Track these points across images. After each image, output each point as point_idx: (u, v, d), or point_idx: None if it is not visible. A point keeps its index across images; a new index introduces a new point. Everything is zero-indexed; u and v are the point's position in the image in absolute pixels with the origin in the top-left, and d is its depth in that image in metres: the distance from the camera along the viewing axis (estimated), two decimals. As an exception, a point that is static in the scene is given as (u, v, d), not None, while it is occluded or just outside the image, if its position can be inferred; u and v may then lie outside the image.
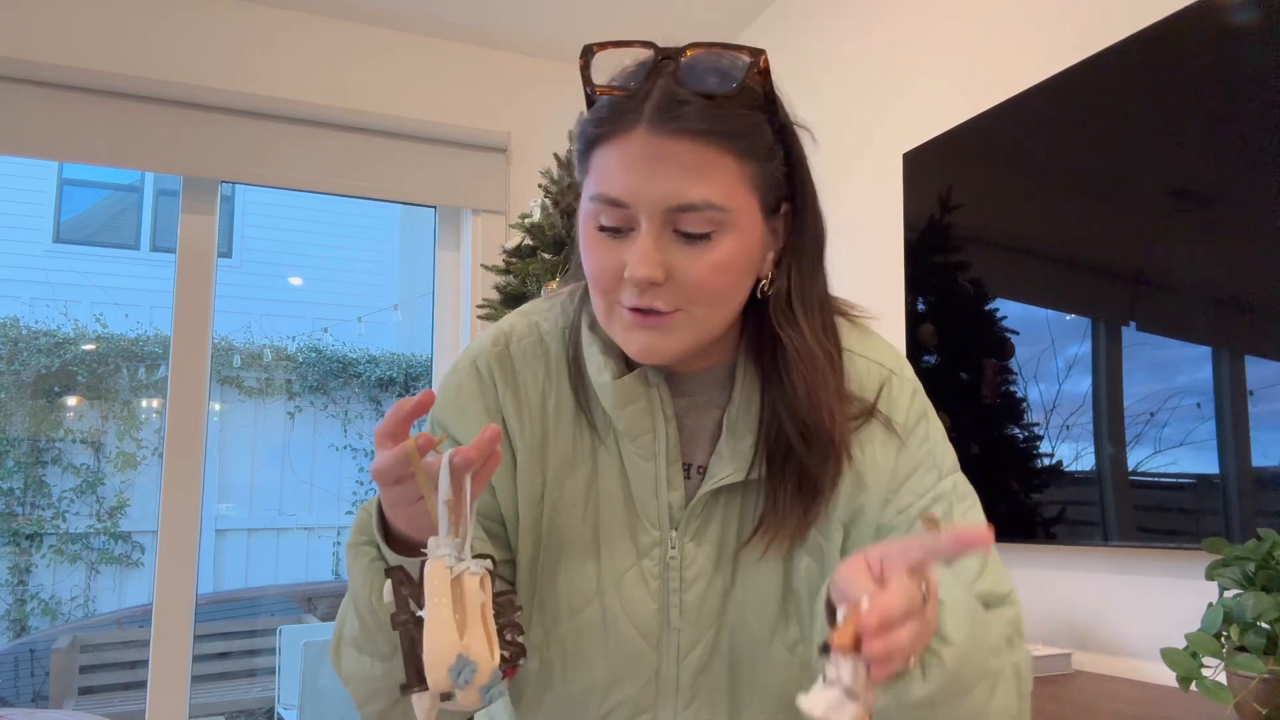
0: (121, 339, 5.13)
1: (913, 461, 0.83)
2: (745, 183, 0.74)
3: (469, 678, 0.56)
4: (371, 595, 0.72)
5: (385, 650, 0.74)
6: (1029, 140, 1.83)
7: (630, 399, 0.80)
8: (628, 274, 0.73)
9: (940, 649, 0.66)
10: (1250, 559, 1.17)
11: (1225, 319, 1.47)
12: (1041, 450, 1.76)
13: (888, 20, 2.35)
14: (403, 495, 0.67)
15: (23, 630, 4.73)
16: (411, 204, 3.18)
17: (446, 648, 0.56)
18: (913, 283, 2.09)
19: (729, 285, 0.75)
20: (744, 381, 0.82)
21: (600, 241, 0.75)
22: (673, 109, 0.71)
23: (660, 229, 0.73)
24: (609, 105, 0.74)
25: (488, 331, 0.89)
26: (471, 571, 0.59)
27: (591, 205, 0.75)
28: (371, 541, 0.73)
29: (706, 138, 0.72)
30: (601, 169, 0.74)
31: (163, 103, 2.66)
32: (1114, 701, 1.44)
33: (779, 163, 0.78)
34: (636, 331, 0.75)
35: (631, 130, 0.72)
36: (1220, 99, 1.48)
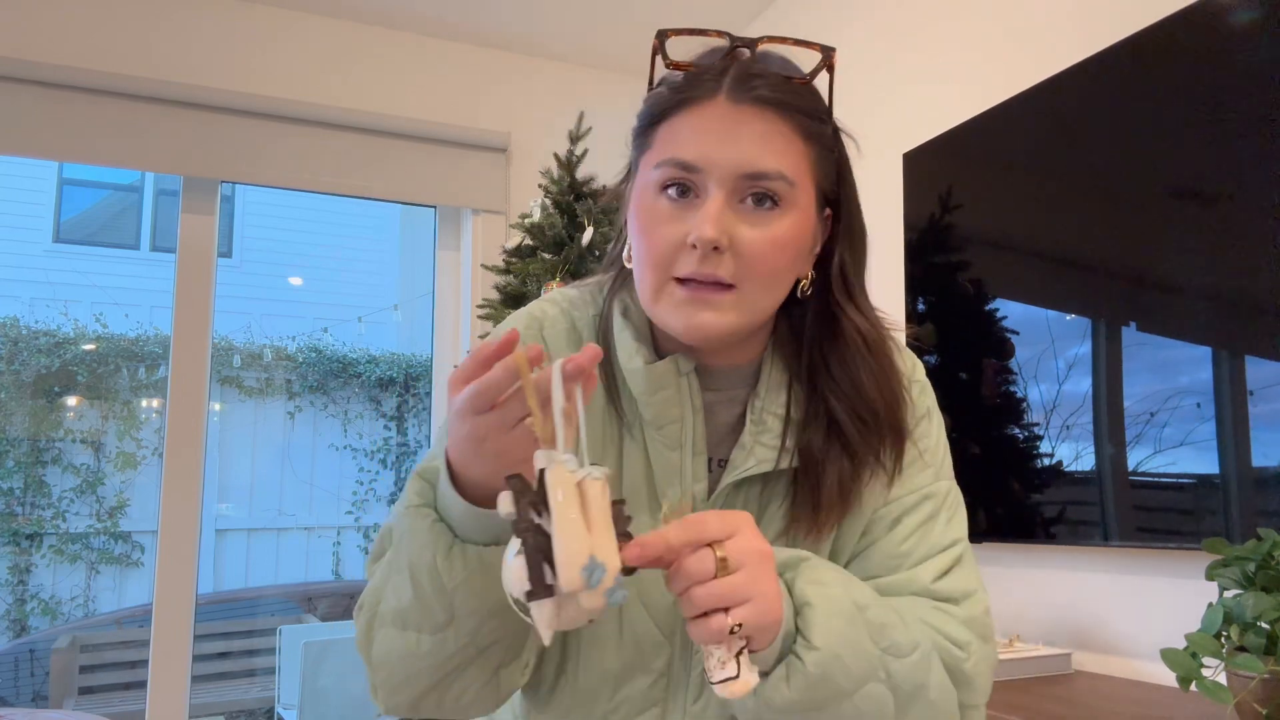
0: (121, 339, 5.13)
1: (910, 454, 0.84)
2: (808, 165, 0.77)
3: (600, 578, 0.56)
4: (437, 557, 0.70)
5: (440, 619, 0.71)
6: (1029, 140, 1.83)
7: (660, 385, 0.80)
8: (694, 235, 0.73)
9: (803, 653, 0.67)
10: (1250, 559, 1.17)
11: (1225, 319, 1.47)
12: (1041, 450, 1.76)
13: (888, 20, 2.35)
14: (498, 421, 0.63)
15: (23, 630, 4.73)
16: (411, 204, 3.18)
17: (580, 549, 0.56)
18: (913, 283, 2.09)
19: (785, 265, 0.76)
20: (770, 377, 0.83)
21: (661, 209, 0.76)
22: (751, 80, 0.74)
23: (728, 196, 0.74)
24: (686, 77, 0.76)
25: (521, 312, 0.88)
26: (594, 477, 0.59)
27: (657, 172, 0.76)
28: (429, 504, 0.72)
29: (781, 111, 0.74)
30: (672, 136, 0.75)
31: (163, 103, 2.66)
32: (1114, 702, 1.44)
33: (834, 158, 0.80)
34: (688, 308, 0.75)
35: (711, 98, 0.74)
36: (1220, 99, 1.48)
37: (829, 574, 0.72)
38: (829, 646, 0.67)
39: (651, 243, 0.76)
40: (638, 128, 0.80)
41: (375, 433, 5.62)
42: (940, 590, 0.80)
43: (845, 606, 0.69)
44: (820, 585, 0.70)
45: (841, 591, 0.70)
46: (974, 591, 0.81)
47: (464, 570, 0.69)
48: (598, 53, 3.18)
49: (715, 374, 0.84)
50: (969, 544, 0.85)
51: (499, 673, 0.77)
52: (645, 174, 0.77)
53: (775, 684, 0.67)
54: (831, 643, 0.67)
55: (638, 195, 0.78)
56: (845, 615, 0.69)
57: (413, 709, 0.77)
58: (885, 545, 0.82)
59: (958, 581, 0.80)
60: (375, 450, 5.60)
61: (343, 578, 5.45)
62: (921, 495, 0.83)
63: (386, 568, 0.76)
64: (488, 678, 0.76)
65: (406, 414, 5.68)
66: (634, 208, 0.79)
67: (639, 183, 0.79)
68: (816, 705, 0.68)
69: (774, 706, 0.68)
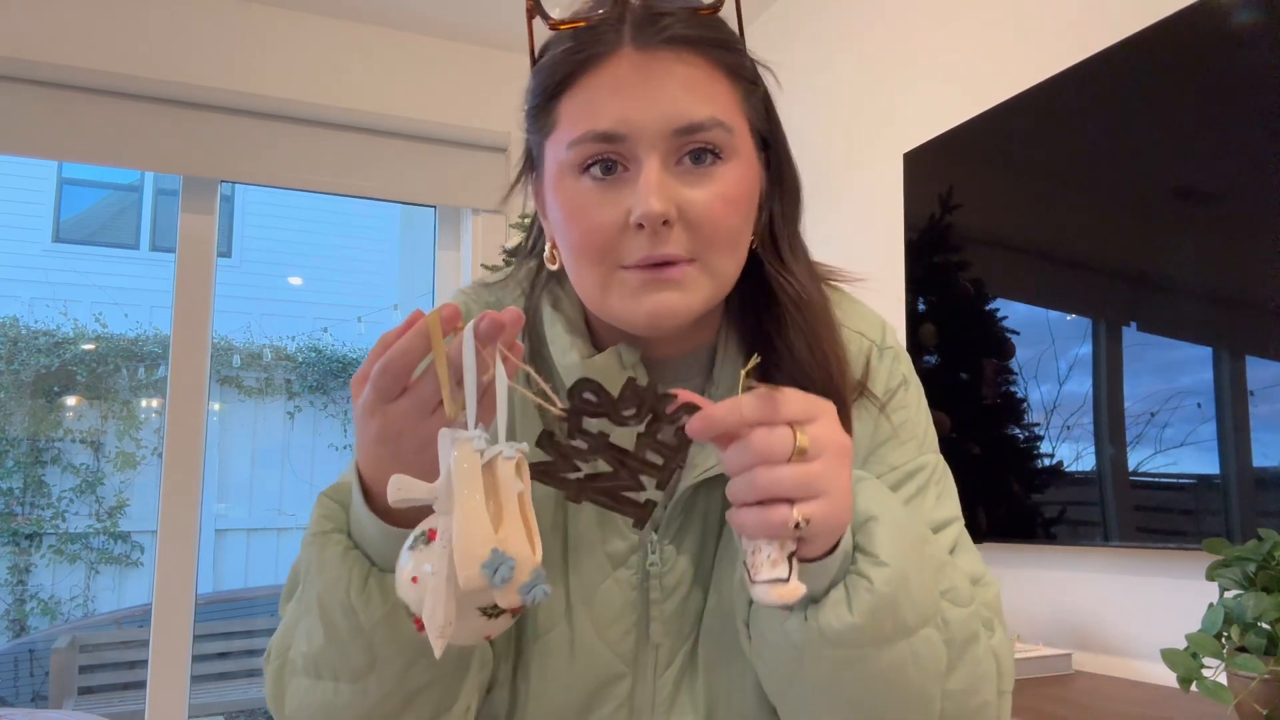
0: (121, 339, 5.14)
1: (888, 427, 0.75)
2: (739, 104, 0.67)
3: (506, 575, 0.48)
4: (350, 591, 0.60)
5: (359, 664, 0.61)
6: (1029, 140, 1.83)
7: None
8: (637, 214, 0.63)
9: (869, 570, 0.57)
10: (1251, 559, 1.17)
11: (1226, 319, 1.47)
12: (1042, 450, 1.76)
13: (888, 20, 2.35)
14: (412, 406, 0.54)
15: (22, 630, 4.73)
16: (411, 204, 3.18)
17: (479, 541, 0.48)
18: (913, 283, 2.09)
19: (740, 221, 0.67)
20: (724, 362, 0.74)
21: (587, 194, 0.65)
22: (656, 20, 0.64)
23: (664, 158, 0.64)
24: (575, 36, 0.65)
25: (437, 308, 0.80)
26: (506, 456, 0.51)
27: (571, 153, 0.65)
28: (341, 529, 0.63)
29: (699, 48, 0.65)
30: (580, 106, 0.64)
31: (163, 102, 2.65)
32: (1114, 702, 1.44)
33: (761, 94, 0.71)
34: (647, 294, 0.65)
35: (614, 52, 0.64)
36: (1220, 99, 1.48)
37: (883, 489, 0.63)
38: (898, 565, 0.57)
39: (584, 232, 0.65)
40: (532, 106, 0.69)
41: (375, 432, 5.62)
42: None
43: (912, 530, 0.60)
44: (885, 502, 0.61)
45: (906, 515, 0.61)
46: (982, 575, 0.72)
47: (384, 605, 0.60)
48: (598, 53, 3.18)
49: (667, 365, 0.75)
50: (963, 522, 0.75)
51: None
52: (556, 157, 0.67)
53: (833, 606, 0.57)
54: (901, 562, 0.57)
55: (554, 183, 0.67)
56: (912, 539, 0.60)
57: None
58: None
59: (962, 564, 0.71)
60: (375, 450, 5.60)
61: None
62: (904, 473, 0.73)
63: (296, 607, 0.66)
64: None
65: (406, 414, 5.68)
66: (552, 199, 0.68)
67: (551, 169, 0.68)
68: (878, 638, 0.57)
69: (829, 635, 0.57)
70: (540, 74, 0.68)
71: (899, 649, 0.58)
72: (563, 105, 0.66)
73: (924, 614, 0.59)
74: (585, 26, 0.65)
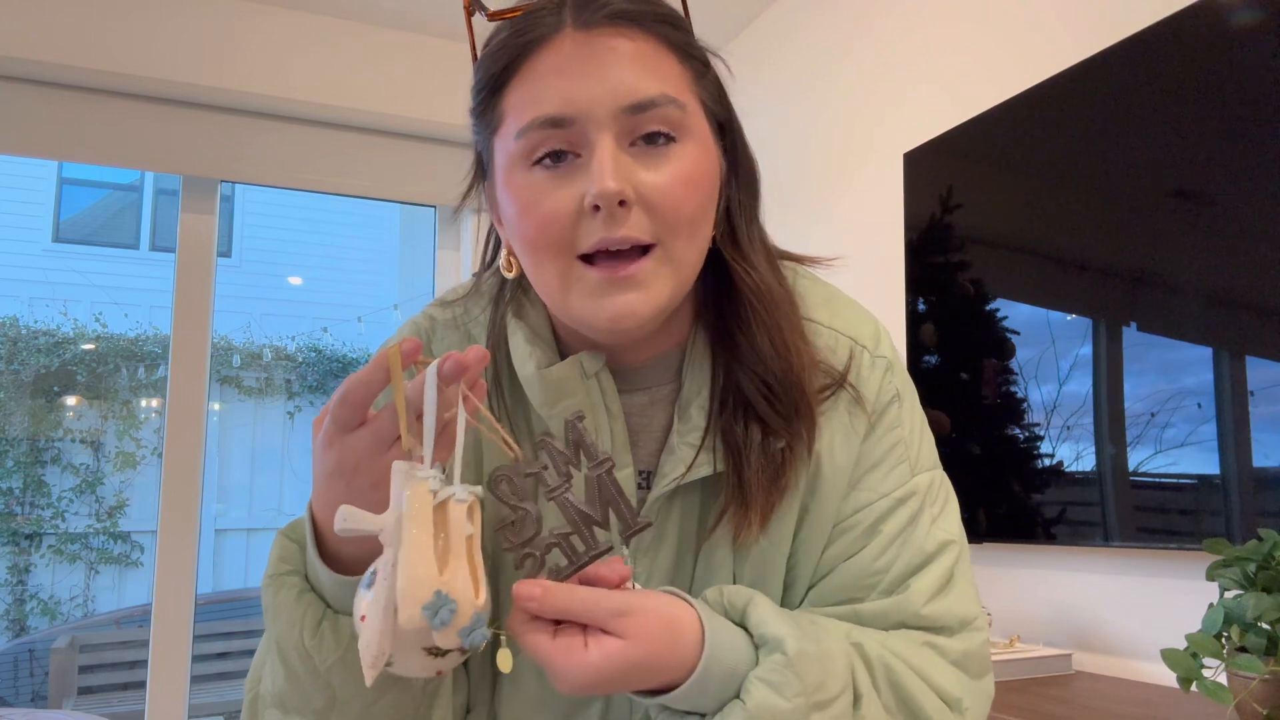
0: (121, 339, 5.13)
1: (879, 450, 0.71)
2: (690, 83, 0.65)
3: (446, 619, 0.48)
4: (304, 635, 0.60)
5: (319, 703, 0.62)
6: (1029, 140, 1.83)
7: (563, 393, 0.67)
8: (592, 194, 0.59)
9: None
10: (1251, 559, 1.17)
11: (1226, 319, 1.47)
12: (1042, 451, 1.76)
13: (888, 21, 2.35)
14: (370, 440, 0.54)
15: (22, 630, 4.73)
16: (411, 204, 3.18)
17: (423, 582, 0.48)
18: (913, 283, 2.09)
19: (700, 204, 0.64)
20: (694, 360, 0.71)
21: (539, 183, 0.62)
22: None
23: (616, 140, 0.61)
24: (514, 24, 0.63)
25: (403, 327, 0.77)
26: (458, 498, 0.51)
27: (519, 143, 0.62)
28: (297, 571, 0.63)
29: (643, 24, 0.62)
30: (524, 96, 0.62)
31: (163, 102, 2.65)
32: (1114, 702, 1.44)
33: (713, 78, 0.68)
34: (609, 296, 0.62)
35: (556, 34, 0.61)
36: (1220, 99, 1.48)
37: (794, 677, 0.59)
38: None
39: (539, 223, 0.62)
40: (476, 104, 0.66)
41: (375, 433, 5.62)
42: (933, 617, 0.68)
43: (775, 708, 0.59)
44: (771, 689, 0.59)
45: (793, 708, 0.58)
46: (971, 619, 0.69)
47: (337, 648, 0.60)
48: (598, 53, 3.18)
49: (636, 372, 0.71)
50: (965, 543, 0.72)
51: None
52: (505, 152, 0.64)
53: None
54: None
55: (504, 179, 0.65)
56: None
57: None
58: (861, 560, 0.69)
59: (953, 604, 0.68)
60: (375, 450, 5.60)
61: (342, 578, 5.45)
62: (896, 499, 0.70)
63: (263, 643, 0.67)
64: None
65: (406, 414, 5.68)
66: (504, 196, 0.65)
67: (500, 166, 0.65)
68: None
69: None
70: (481, 67, 0.65)
71: None
72: (507, 97, 0.63)
73: None
74: (523, 14, 0.63)
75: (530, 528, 0.57)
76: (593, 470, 0.57)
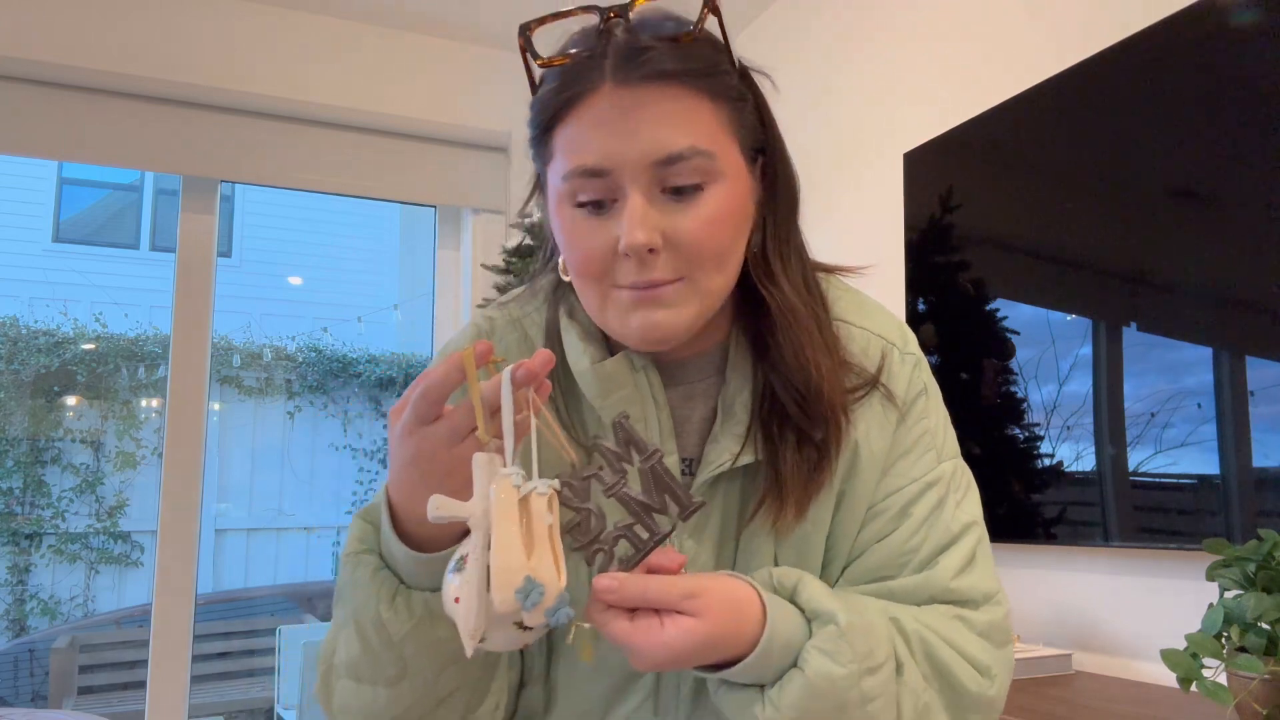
0: (121, 338, 5.13)
1: (909, 439, 0.78)
2: (724, 126, 0.70)
3: (536, 600, 0.55)
4: (380, 607, 0.66)
5: (391, 672, 0.67)
6: (1029, 140, 1.83)
7: (614, 386, 0.74)
8: (623, 245, 0.67)
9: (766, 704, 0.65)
10: (1251, 559, 1.17)
11: (1226, 319, 1.47)
12: (1042, 451, 1.76)
13: (888, 20, 2.35)
14: (446, 432, 0.60)
15: (22, 630, 4.73)
16: (411, 204, 3.18)
17: (514, 569, 0.55)
18: (913, 283, 2.09)
19: (727, 241, 0.70)
20: (736, 360, 0.77)
21: (581, 223, 0.69)
22: (636, 56, 0.67)
23: (648, 190, 0.67)
24: (563, 73, 0.69)
25: (466, 327, 0.84)
26: (539, 492, 0.58)
27: (565, 185, 0.69)
28: (372, 550, 0.69)
29: (678, 79, 0.67)
30: (569, 142, 0.68)
31: (163, 102, 2.66)
32: (1114, 702, 1.44)
33: (750, 108, 0.73)
34: (638, 312, 0.69)
35: (597, 89, 0.67)
36: (1220, 99, 1.48)
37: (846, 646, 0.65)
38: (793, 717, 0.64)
39: (580, 258, 0.70)
40: (532, 138, 0.73)
41: (375, 433, 5.62)
42: (960, 590, 0.74)
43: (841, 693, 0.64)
44: (827, 657, 0.64)
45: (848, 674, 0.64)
46: (994, 593, 0.76)
47: (410, 619, 0.66)
48: (598, 53, 3.17)
49: (680, 366, 0.78)
50: (984, 526, 0.79)
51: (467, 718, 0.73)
52: (555, 184, 0.71)
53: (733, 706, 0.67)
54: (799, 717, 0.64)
55: (555, 208, 0.72)
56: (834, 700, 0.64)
57: None
58: (892, 542, 0.75)
59: (978, 580, 0.75)
60: (375, 450, 5.60)
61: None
62: (925, 483, 0.77)
63: (338, 615, 0.72)
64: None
65: (406, 414, 5.68)
66: (554, 221, 0.73)
67: (551, 195, 0.73)
68: None
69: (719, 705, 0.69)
70: (534, 108, 0.72)
71: None
72: (556, 137, 0.70)
73: None
74: (570, 64, 0.68)
75: (595, 525, 0.62)
76: (645, 462, 0.62)
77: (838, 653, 0.64)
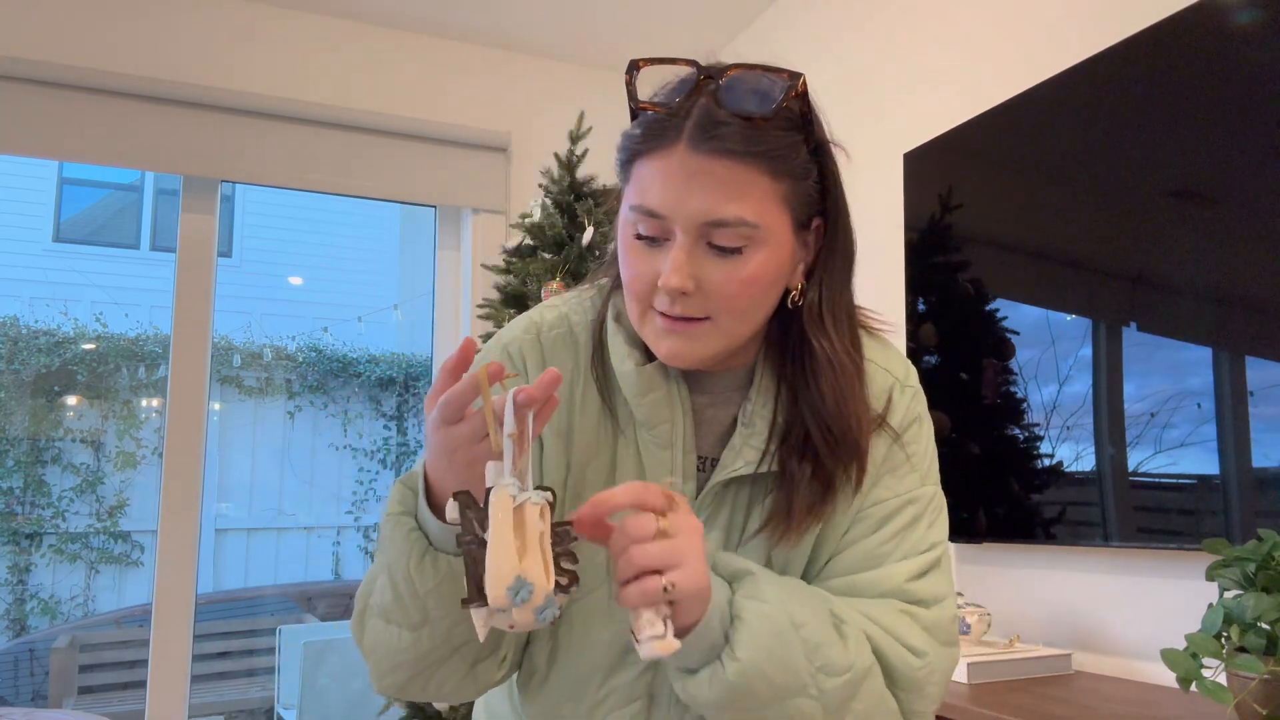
0: (121, 338, 5.13)
1: (898, 458, 0.88)
2: (778, 200, 0.78)
3: (525, 598, 0.62)
4: (410, 564, 0.75)
5: (415, 619, 0.77)
6: (1029, 140, 1.83)
7: (650, 388, 0.84)
8: (661, 282, 0.77)
9: (726, 662, 0.73)
10: (1250, 559, 1.17)
11: (1226, 319, 1.47)
12: (1042, 451, 1.76)
13: (888, 20, 2.35)
14: (463, 435, 0.69)
15: (22, 630, 4.73)
16: (411, 204, 3.18)
17: (507, 569, 0.62)
18: (913, 283, 2.09)
19: (757, 298, 0.79)
20: (761, 382, 0.86)
21: (637, 249, 0.79)
22: (712, 129, 0.75)
23: (694, 242, 0.76)
24: (650, 121, 0.78)
25: (519, 320, 0.92)
26: (533, 501, 0.65)
27: (631, 214, 0.79)
28: (409, 513, 0.78)
29: (743, 158, 0.75)
30: (641, 181, 0.78)
31: (163, 102, 2.66)
32: (1114, 702, 1.44)
33: (813, 180, 0.81)
34: (667, 337, 0.79)
35: (672, 147, 0.76)
36: (1220, 99, 1.48)
37: (771, 589, 0.76)
38: (751, 661, 0.72)
39: (631, 278, 0.80)
40: (618, 161, 0.83)
41: (375, 432, 5.62)
42: (913, 591, 0.83)
43: (779, 624, 0.74)
44: (756, 600, 0.74)
45: (778, 609, 0.74)
46: (944, 597, 0.85)
47: (435, 577, 0.75)
48: (598, 53, 3.18)
49: (707, 378, 0.88)
50: (949, 547, 0.89)
51: (475, 667, 0.82)
52: (624, 208, 0.81)
53: (699, 683, 0.74)
54: (755, 657, 0.72)
55: (620, 227, 0.82)
56: (776, 633, 0.73)
57: (400, 692, 0.83)
58: (867, 544, 0.85)
59: (931, 586, 0.84)
60: (375, 450, 5.60)
61: (342, 578, 5.45)
62: (906, 499, 0.87)
63: (377, 563, 0.82)
64: (465, 671, 0.82)
65: (406, 414, 5.68)
66: (619, 237, 0.83)
67: (621, 213, 0.82)
68: (737, 709, 0.74)
69: (697, 703, 0.75)
70: (623, 139, 0.82)
71: (767, 713, 0.74)
72: (634, 171, 0.80)
73: (787, 689, 0.74)
74: (659, 115, 0.77)
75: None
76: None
77: (760, 594, 0.75)
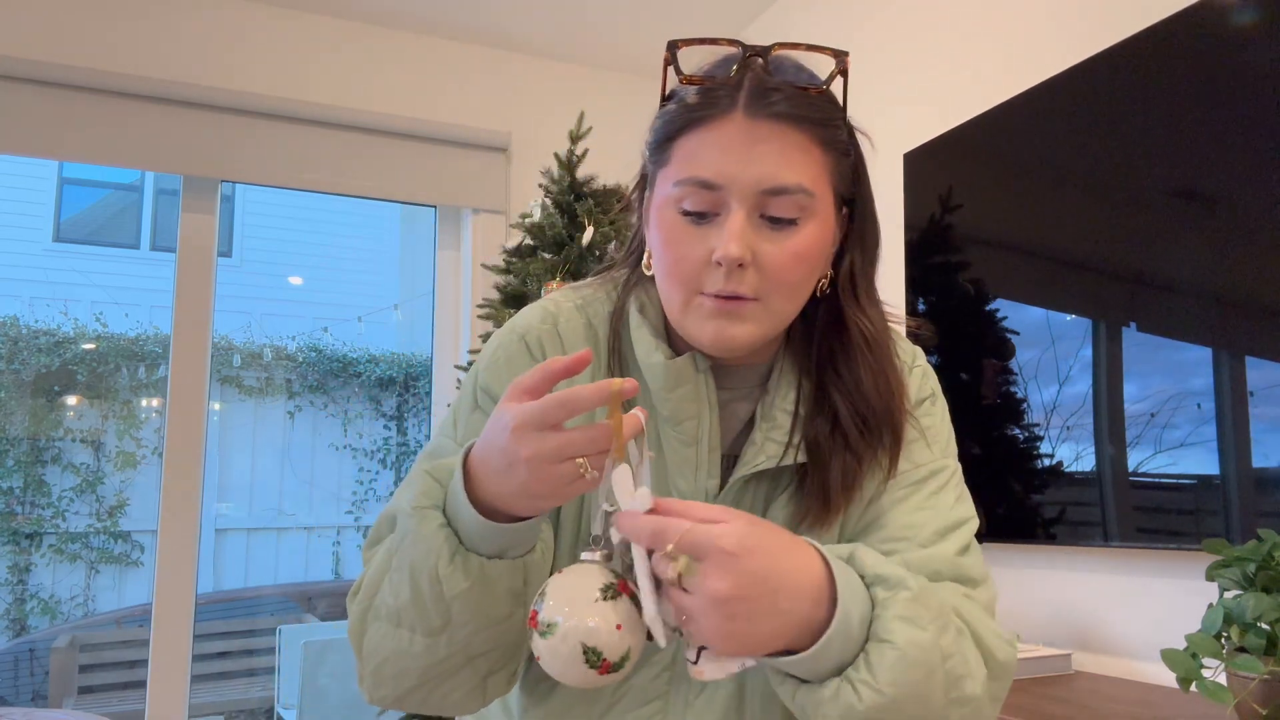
0: (121, 338, 5.13)
1: (914, 432, 0.86)
2: (827, 173, 0.77)
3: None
4: (439, 564, 0.69)
5: (435, 624, 0.71)
6: (1029, 140, 1.83)
7: (679, 381, 0.81)
8: (719, 254, 0.74)
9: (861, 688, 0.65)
10: (1250, 560, 1.17)
11: (1225, 319, 1.47)
12: (1042, 451, 1.76)
13: (887, 20, 2.35)
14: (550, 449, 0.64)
15: (22, 630, 4.73)
16: (411, 204, 3.18)
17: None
18: (913, 283, 2.09)
19: (806, 274, 0.78)
20: (781, 376, 0.85)
21: (683, 228, 0.76)
22: (767, 95, 0.74)
23: (750, 211, 0.74)
24: (700, 93, 0.76)
25: (533, 307, 0.89)
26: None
27: (676, 190, 0.76)
28: (437, 506, 0.72)
29: (800, 124, 0.74)
30: (690, 154, 0.75)
31: (163, 102, 2.66)
32: (1114, 702, 1.44)
33: (851, 161, 0.81)
34: (717, 320, 0.76)
35: (728, 114, 0.74)
36: (1220, 99, 1.48)
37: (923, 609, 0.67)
38: (894, 695, 0.64)
39: (676, 260, 0.77)
40: (653, 141, 0.80)
41: (375, 432, 5.62)
42: (965, 567, 0.79)
43: (930, 656, 0.66)
44: (910, 624, 0.66)
45: (931, 637, 0.66)
46: (988, 575, 0.83)
47: (465, 581, 0.70)
48: (598, 53, 3.18)
49: (730, 373, 0.86)
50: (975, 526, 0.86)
51: (486, 680, 0.77)
52: (664, 189, 0.78)
53: (818, 702, 0.66)
54: (899, 693, 0.64)
55: (658, 209, 0.79)
56: (926, 666, 0.65)
57: (398, 703, 0.77)
58: (897, 515, 0.81)
59: (977, 562, 0.81)
60: (375, 450, 5.60)
61: (342, 577, 5.45)
62: (928, 470, 0.84)
63: (386, 560, 0.75)
64: (475, 683, 0.77)
65: (406, 414, 5.68)
66: (655, 220, 0.79)
67: (658, 196, 0.79)
68: None
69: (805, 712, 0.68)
70: (664, 116, 0.79)
71: None
72: (677, 148, 0.77)
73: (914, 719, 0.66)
74: (708, 86, 0.75)
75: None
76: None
77: (917, 618, 0.66)
